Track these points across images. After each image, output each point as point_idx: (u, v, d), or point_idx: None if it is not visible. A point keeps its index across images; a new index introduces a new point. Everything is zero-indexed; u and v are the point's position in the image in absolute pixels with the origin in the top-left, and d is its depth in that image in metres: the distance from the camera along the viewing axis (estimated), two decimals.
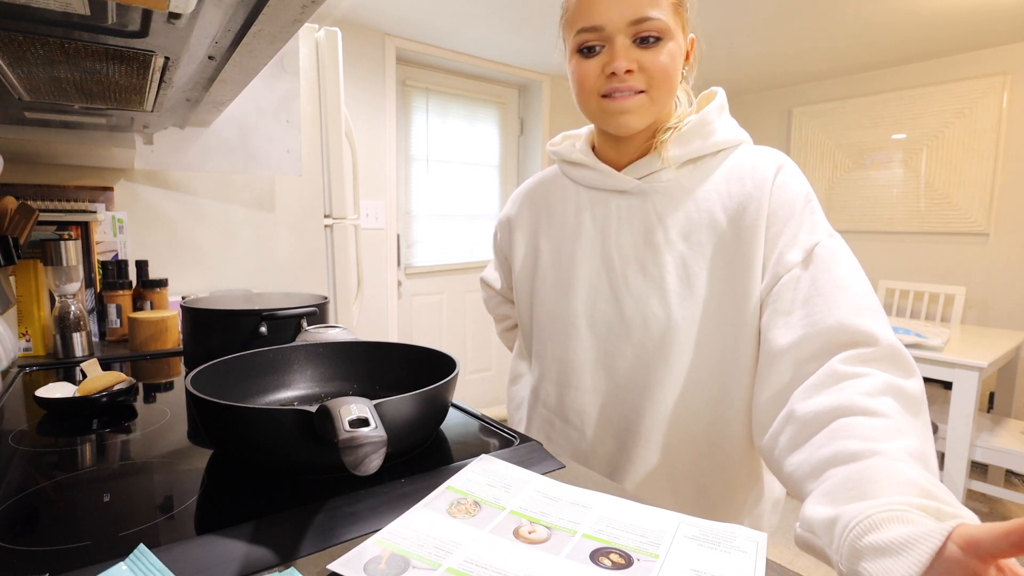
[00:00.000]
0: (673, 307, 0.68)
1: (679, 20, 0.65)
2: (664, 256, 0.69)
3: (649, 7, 0.63)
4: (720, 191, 0.68)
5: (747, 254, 0.65)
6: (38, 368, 1.06)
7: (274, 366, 0.75)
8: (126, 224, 1.40)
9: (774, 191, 0.64)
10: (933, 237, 3.03)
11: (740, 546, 0.45)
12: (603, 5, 0.63)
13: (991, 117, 2.80)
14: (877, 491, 0.44)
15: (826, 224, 0.64)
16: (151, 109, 0.91)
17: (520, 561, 0.43)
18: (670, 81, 0.66)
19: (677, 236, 0.69)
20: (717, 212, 0.67)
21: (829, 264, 0.60)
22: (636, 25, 0.63)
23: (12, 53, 0.59)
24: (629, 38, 0.64)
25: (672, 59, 0.65)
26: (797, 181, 0.65)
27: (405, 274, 3.01)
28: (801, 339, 0.59)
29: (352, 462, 0.44)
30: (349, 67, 2.56)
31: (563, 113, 3.41)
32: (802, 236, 0.62)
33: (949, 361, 1.92)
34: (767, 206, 0.64)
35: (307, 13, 0.56)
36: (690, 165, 0.71)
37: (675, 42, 0.65)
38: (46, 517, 0.50)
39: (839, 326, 0.57)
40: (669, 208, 0.70)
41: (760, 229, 0.64)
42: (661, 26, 0.63)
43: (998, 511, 2.33)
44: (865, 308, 0.58)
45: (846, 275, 0.59)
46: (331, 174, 1.70)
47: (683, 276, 0.68)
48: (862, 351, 0.56)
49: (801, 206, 0.64)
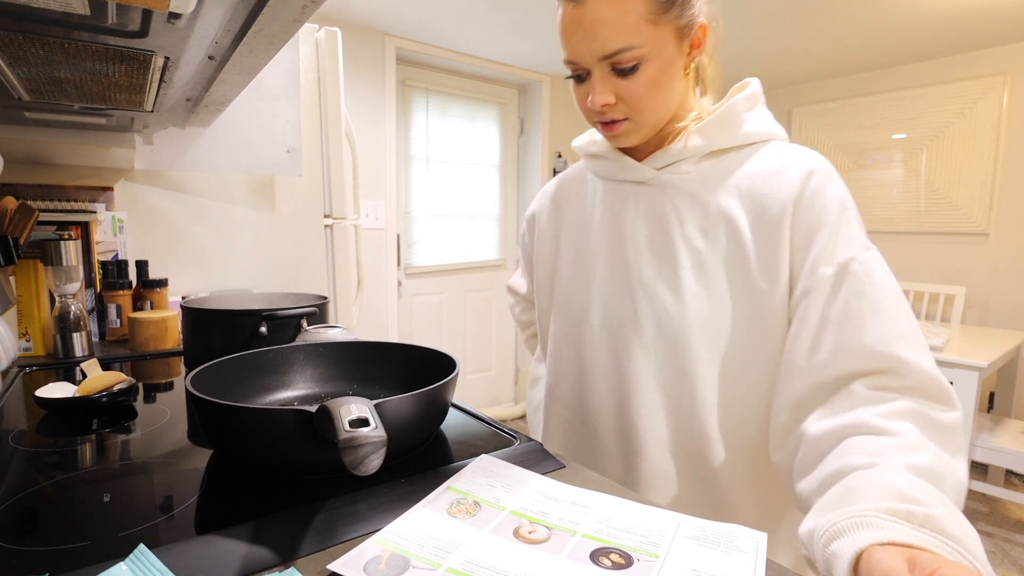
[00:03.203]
0: (687, 305, 0.65)
1: (662, 30, 0.61)
2: (679, 251, 0.66)
3: (618, 38, 0.60)
4: (742, 188, 0.64)
5: (768, 259, 0.61)
6: (38, 368, 1.06)
7: (274, 366, 0.75)
8: (126, 224, 1.40)
9: (804, 196, 0.60)
10: (933, 237, 3.03)
11: (740, 546, 0.45)
12: (574, 42, 0.63)
13: (991, 117, 2.80)
14: (856, 499, 0.43)
15: (863, 237, 0.60)
16: (151, 109, 0.91)
17: (520, 561, 0.43)
18: (654, 102, 0.64)
19: (694, 231, 0.66)
20: (736, 210, 0.64)
21: (864, 283, 0.56)
22: (608, 59, 0.61)
23: (12, 53, 0.59)
24: (606, 69, 0.63)
25: (652, 81, 0.62)
26: (832, 187, 0.61)
27: (405, 274, 3.01)
28: (827, 361, 0.56)
29: (352, 462, 0.44)
30: (349, 67, 2.56)
31: (563, 113, 3.41)
32: (836, 249, 0.58)
33: (949, 361, 1.92)
34: (792, 211, 0.61)
35: (307, 13, 0.56)
36: (713, 158, 0.67)
37: (658, 59, 0.62)
38: (46, 517, 0.50)
39: (868, 352, 0.54)
40: (687, 201, 0.67)
41: (784, 234, 0.61)
42: (634, 55, 0.60)
43: (998, 511, 2.33)
44: (899, 336, 0.54)
45: (882, 297, 0.56)
46: (331, 174, 1.70)
47: (699, 274, 0.65)
48: (889, 379, 0.54)
49: (835, 215, 0.60)
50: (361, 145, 2.59)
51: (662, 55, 0.62)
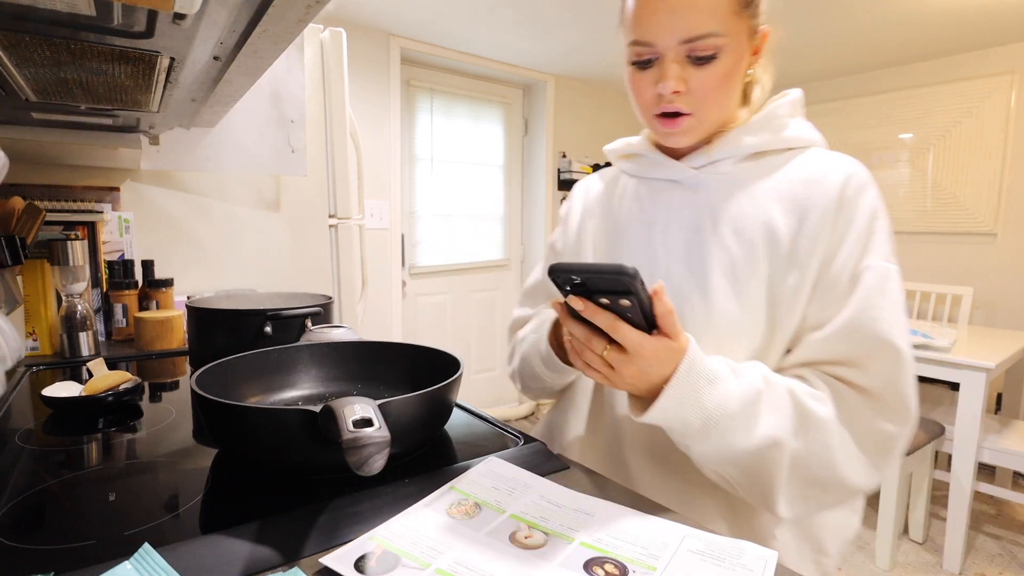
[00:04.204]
0: (714, 304, 0.63)
1: (742, 24, 0.60)
2: (711, 252, 0.64)
3: (705, 21, 0.58)
4: (781, 191, 0.63)
5: (802, 262, 0.61)
6: (44, 367, 1.07)
7: (279, 366, 0.75)
8: (132, 224, 1.41)
9: (841, 202, 0.60)
10: (940, 237, 3.01)
11: (747, 564, 0.43)
12: (656, 21, 0.59)
13: (999, 116, 2.77)
14: None
15: (887, 249, 0.60)
16: (157, 110, 0.92)
17: (510, 566, 0.42)
18: (721, 99, 0.63)
19: (727, 231, 0.64)
20: (774, 213, 0.62)
21: (874, 292, 0.58)
22: (689, 43, 0.59)
23: (19, 54, 0.59)
24: (682, 55, 0.60)
25: (726, 76, 0.61)
26: (867, 195, 0.61)
27: (409, 274, 3.01)
28: (807, 360, 0.60)
29: (356, 462, 0.44)
30: (354, 67, 2.56)
31: (567, 113, 3.41)
32: (858, 255, 0.59)
33: (956, 362, 1.90)
34: (832, 217, 0.60)
35: (312, 13, 0.56)
36: (753, 160, 0.66)
37: (734, 53, 0.60)
38: (52, 516, 0.50)
39: (848, 360, 0.58)
40: (722, 201, 0.65)
41: (820, 239, 0.60)
42: (717, 43, 0.59)
43: (1006, 513, 2.31)
44: (891, 337, 0.56)
45: (888, 306, 0.57)
46: (336, 174, 1.70)
47: (730, 276, 0.63)
48: (851, 372, 0.57)
49: (865, 222, 0.60)
50: (365, 145, 2.59)
51: (737, 50, 0.61)
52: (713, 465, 0.58)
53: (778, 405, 0.56)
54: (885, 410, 0.56)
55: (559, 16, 2.42)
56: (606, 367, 0.53)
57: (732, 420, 0.54)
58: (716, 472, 0.59)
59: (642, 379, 0.53)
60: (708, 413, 0.53)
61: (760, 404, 0.55)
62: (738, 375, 0.56)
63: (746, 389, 0.55)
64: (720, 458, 0.56)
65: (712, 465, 0.58)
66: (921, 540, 2.09)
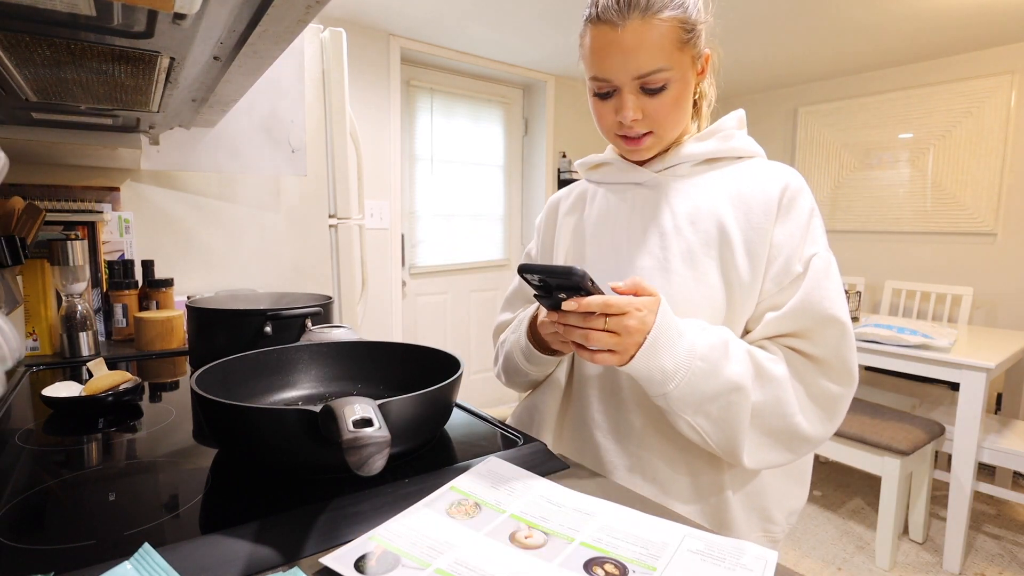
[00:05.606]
0: (676, 289, 0.71)
1: (685, 55, 0.68)
2: (670, 240, 0.73)
3: (653, 59, 0.66)
4: (731, 191, 0.73)
5: (751, 250, 0.69)
6: (45, 367, 1.07)
7: (279, 366, 0.75)
8: (132, 224, 1.41)
9: (783, 202, 0.70)
10: (940, 237, 3.01)
11: (747, 564, 0.43)
12: (611, 61, 0.68)
13: (999, 116, 2.78)
14: None
15: (824, 239, 0.71)
16: (157, 110, 0.92)
17: (510, 566, 0.42)
18: (676, 118, 0.72)
19: (685, 223, 0.73)
20: (726, 207, 0.72)
21: (820, 276, 0.67)
22: (642, 79, 0.67)
23: (19, 54, 0.59)
24: (636, 88, 0.69)
25: (676, 100, 0.70)
26: (804, 196, 0.71)
27: (409, 274, 3.01)
28: (764, 335, 0.69)
29: (356, 462, 0.44)
30: (354, 67, 2.57)
31: (568, 113, 3.41)
32: (804, 247, 0.69)
33: (956, 362, 1.90)
34: (774, 212, 0.69)
35: (312, 13, 0.56)
36: (706, 165, 0.76)
37: (681, 80, 0.69)
38: (52, 516, 0.50)
39: (799, 332, 0.67)
40: (680, 199, 0.75)
41: (767, 230, 0.69)
42: (666, 76, 0.67)
43: (1006, 513, 2.31)
44: (834, 311, 0.66)
45: (832, 287, 0.67)
46: (336, 174, 1.70)
47: (688, 260, 0.71)
48: (802, 342, 0.66)
49: (806, 219, 0.69)
50: (366, 145, 2.59)
51: (684, 77, 0.70)
52: (687, 415, 0.65)
53: (740, 359, 0.65)
54: (831, 373, 0.66)
55: (559, 16, 2.42)
56: (612, 336, 0.60)
57: (702, 362, 0.62)
58: (689, 423, 0.66)
59: (643, 327, 0.61)
60: (679, 359, 0.62)
61: (727, 352, 0.64)
62: (705, 330, 0.65)
63: (712, 340, 0.64)
64: (693, 405, 0.64)
65: (686, 415, 0.65)
66: (921, 540, 2.09)
